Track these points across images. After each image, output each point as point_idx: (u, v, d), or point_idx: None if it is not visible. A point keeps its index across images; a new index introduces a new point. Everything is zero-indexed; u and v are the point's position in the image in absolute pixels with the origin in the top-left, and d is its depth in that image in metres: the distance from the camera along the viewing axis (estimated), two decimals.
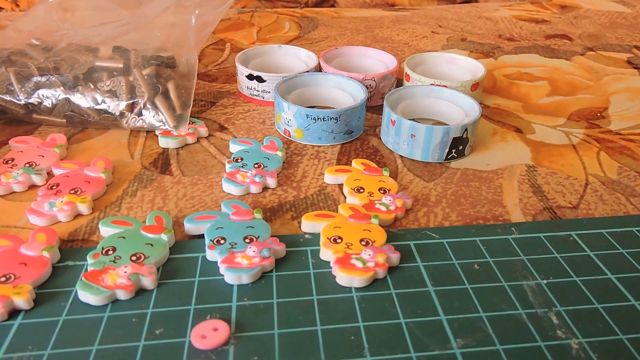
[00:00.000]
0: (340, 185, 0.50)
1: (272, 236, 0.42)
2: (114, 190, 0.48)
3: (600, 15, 1.07)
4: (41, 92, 0.54)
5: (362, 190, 0.47)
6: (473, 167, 0.53)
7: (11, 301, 0.35)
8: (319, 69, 0.66)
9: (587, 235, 0.44)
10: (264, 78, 0.62)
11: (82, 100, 0.54)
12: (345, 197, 0.48)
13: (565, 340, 0.34)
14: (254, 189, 0.48)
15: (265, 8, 1.09)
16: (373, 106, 0.64)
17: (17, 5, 1.01)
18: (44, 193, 0.46)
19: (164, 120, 0.54)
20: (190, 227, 0.43)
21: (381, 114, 0.61)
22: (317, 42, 0.87)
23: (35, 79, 0.54)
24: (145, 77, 0.54)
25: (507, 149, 0.57)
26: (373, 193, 0.47)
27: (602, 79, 0.76)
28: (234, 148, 0.54)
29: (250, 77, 0.62)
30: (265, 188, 0.49)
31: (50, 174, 0.50)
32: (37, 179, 0.48)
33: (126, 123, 0.55)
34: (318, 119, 0.54)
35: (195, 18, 0.58)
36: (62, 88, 0.54)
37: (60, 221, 0.44)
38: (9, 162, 0.49)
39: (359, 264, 0.38)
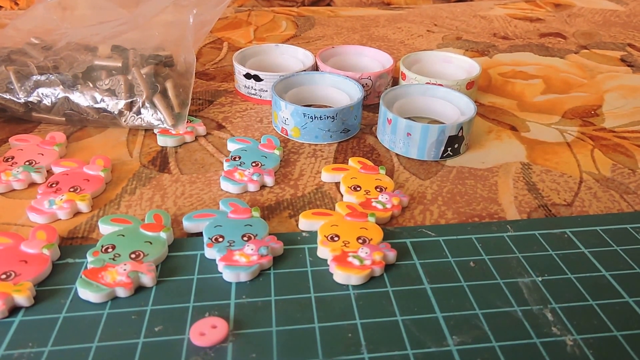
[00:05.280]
0: (337, 184, 0.50)
1: (269, 234, 0.42)
2: (113, 189, 0.48)
3: (594, 14, 1.07)
4: (40, 90, 0.54)
5: (358, 189, 0.48)
6: (468, 165, 0.54)
7: (12, 298, 0.35)
8: (315, 68, 0.66)
9: (582, 232, 0.44)
10: (261, 77, 0.62)
11: (81, 98, 0.54)
12: (342, 196, 0.48)
13: (560, 337, 0.35)
14: (252, 187, 0.48)
15: (262, 7, 1.09)
16: (369, 105, 0.65)
17: (17, 4, 1.01)
18: (44, 191, 0.46)
19: (163, 119, 0.55)
20: (188, 225, 0.43)
21: (377, 113, 0.61)
22: (314, 41, 0.87)
23: (34, 77, 0.54)
24: (144, 76, 0.54)
25: (502, 147, 0.57)
26: (370, 191, 0.47)
27: (596, 77, 0.76)
28: (231, 146, 0.54)
29: (248, 76, 0.63)
30: (263, 186, 0.49)
31: (49, 172, 0.50)
32: (36, 177, 0.48)
33: (125, 122, 0.55)
34: (315, 117, 0.54)
35: (193, 17, 0.58)
36: (61, 87, 0.54)
37: (60, 219, 0.44)
38: (9, 160, 0.50)
39: (356, 262, 0.39)
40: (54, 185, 0.46)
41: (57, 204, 0.44)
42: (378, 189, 0.48)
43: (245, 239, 0.41)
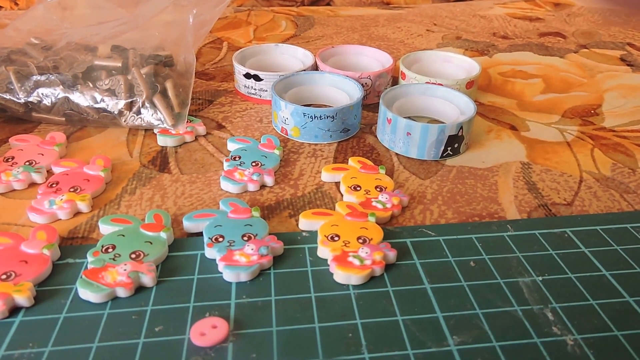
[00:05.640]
0: (337, 183, 0.50)
1: (270, 234, 0.42)
2: (113, 189, 0.48)
3: (593, 13, 1.07)
4: (40, 90, 0.54)
5: (358, 188, 0.48)
6: (468, 165, 0.54)
7: (12, 299, 0.35)
8: (315, 67, 0.66)
9: (582, 232, 0.44)
10: (261, 77, 0.62)
11: (81, 98, 0.54)
12: (342, 195, 0.48)
13: (560, 336, 0.35)
14: (252, 187, 0.48)
15: (261, 7, 1.09)
16: (369, 104, 0.65)
17: (17, 4, 1.01)
18: (44, 191, 0.46)
19: (162, 119, 0.55)
20: (188, 225, 0.43)
21: (377, 112, 0.61)
22: (314, 40, 0.87)
23: (34, 77, 0.54)
24: (144, 76, 0.54)
25: (502, 146, 0.57)
26: (370, 191, 0.47)
27: (595, 76, 0.76)
28: (231, 146, 0.54)
29: (248, 75, 0.63)
30: (263, 186, 0.49)
31: (50, 172, 0.50)
32: (37, 177, 0.48)
33: (125, 121, 0.55)
34: (315, 117, 0.54)
35: (192, 17, 0.58)
36: (61, 87, 0.54)
37: (60, 219, 0.44)
38: (9, 160, 0.50)
39: (356, 262, 0.39)
40: (54, 186, 0.46)
41: (57, 204, 0.44)
42: (378, 189, 0.48)
43: (245, 238, 0.41)
